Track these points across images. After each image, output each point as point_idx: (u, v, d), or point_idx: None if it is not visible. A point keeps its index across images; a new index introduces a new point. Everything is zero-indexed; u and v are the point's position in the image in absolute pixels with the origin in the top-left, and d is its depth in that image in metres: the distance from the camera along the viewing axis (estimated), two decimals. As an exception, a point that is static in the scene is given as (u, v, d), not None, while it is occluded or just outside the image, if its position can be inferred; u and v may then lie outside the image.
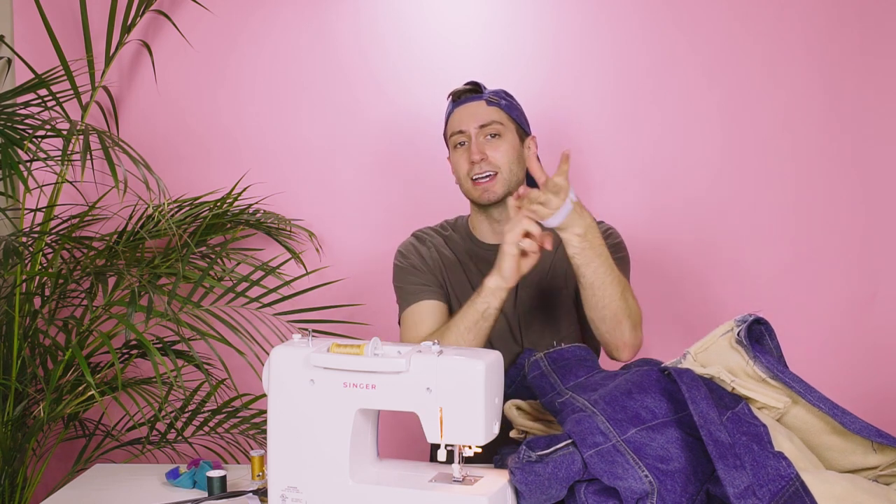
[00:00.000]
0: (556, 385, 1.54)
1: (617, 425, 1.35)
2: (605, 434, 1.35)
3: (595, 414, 1.37)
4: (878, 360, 2.59)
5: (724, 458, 1.27)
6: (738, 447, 1.29)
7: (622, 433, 1.35)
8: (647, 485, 1.30)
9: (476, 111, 1.92)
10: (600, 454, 1.33)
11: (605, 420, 1.36)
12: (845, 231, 2.59)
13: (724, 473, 1.26)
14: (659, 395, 1.39)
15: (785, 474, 1.26)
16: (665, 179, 2.61)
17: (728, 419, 1.32)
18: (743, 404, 1.36)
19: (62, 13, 2.58)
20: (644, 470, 1.31)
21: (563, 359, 1.60)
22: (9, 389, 2.21)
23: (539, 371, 1.58)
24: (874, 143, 2.58)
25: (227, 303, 2.36)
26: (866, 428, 1.34)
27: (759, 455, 1.28)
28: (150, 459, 2.40)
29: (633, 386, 1.41)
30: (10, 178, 2.25)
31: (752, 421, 1.33)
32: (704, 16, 2.58)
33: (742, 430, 1.31)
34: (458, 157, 1.93)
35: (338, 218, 2.63)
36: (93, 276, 2.28)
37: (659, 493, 1.30)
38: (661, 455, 1.33)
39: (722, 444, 1.28)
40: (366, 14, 2.61)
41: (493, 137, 1.90)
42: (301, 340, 1.44)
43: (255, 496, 1.53)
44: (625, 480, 1.31)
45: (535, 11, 2.60)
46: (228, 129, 2.63)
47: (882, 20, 2.56)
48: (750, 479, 1.25)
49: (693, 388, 1.34)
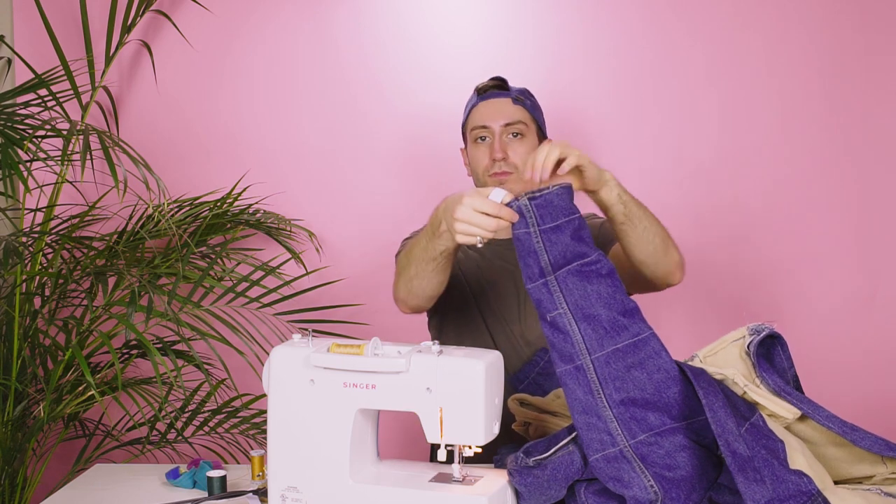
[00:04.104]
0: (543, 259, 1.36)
1: (625, 426, 1.31)
2: (612, 436, 1.31)
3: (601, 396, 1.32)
4: (877, 361, 2.59)
5: (743, 471, 1.23)
6: (757, 461, 1.25)
7: (631, 437, 1.30)
8: (651, 494, 1.28)
9: (502, 108, 1.89)
10: (607, 459, 1.31)
11: (613, 419, 1.32)
12: (845, 231, 2.59)
13: (744, 487, 1.22)
14: (673, 397, 1.33)
15: (806, 490, 1.23)
16: (665, 178, 2.61)
17: (746, 430, 1.28)
18: (758, 415, 1.32)
19: (62, 13, 2.58)
20: (650, 479, 1.29)
21: (550, 205, 1.37)
22: (9, 389, 2.21)
23: (525, 229, 1.37)
24: (874, 142, 2.58)
25: (227, 303, 2.36)
26: (877, 443, 1.31)
27: (778, 470, 1.25)
28: (150, 459, 2.40)
29: (647, 378, 1.33)
30: (10, 178, 2.25)
31: (770, 435, 1.29)
32: (705, 15, 2.58)
33: (761, 444, 1.27)
34: (477, 151, 1.90)
35: (338, 218, 2.63)
36: (93, 276, 2.28)
37: (663, 503, 1.28)
38: (667, 463, 1.30)
39: (741, 457, 1.24)
40: (366, 14, 2.61)
41: (516, 137, 1.88)
42: (301, 340, 1.44)
43: (255, 496, 1.53)
44: (630, 489, 1.29)
45: (535, 11, 2.60)
46: (228, 129, 2.63)
47: (883, 19, 2.56)
48: (770, 493, 1.22)
49: (710, 395, 1.29)
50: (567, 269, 1.35)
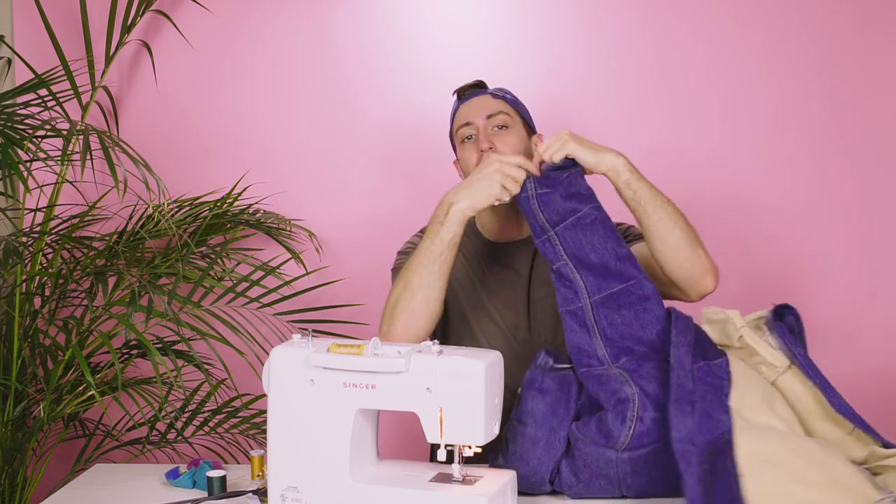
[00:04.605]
0: (540, 218, 1.60)
1: (612, 354, 1.49)
2: (600, 360, 1.49)
3: (595, 337, 1.51)
4: (877, 361, 2.59)
5: (678, 402, 1.36)
6: (695, 395, 1.37)
7: (615, 361, 1.48)
8: (629, 388, 1.42)
9: (482, 103, 1.89)
10: (591, 374, 1.49)
11: (602, 346, 1.50)
12: (845, 231, 2.59)
13: (673, 417, 1.34)
14: (656, 333, 1.50)
15: (721, 427, 1.33)
16: (665, 178, 2.59)
17: (699, 368, 1.41)
18: (723, 359, 1.45)
19: (62, 13, 2.58)
20: (629, 379, 1.44)
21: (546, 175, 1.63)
22: (9, 389, 2.21)
23: (525, 194, 1.62)
24: (874, 142, 2.58)
25: (227, 303, 2.36)
26: (852, 415, 1.38)
27: (710, 405, 1.36)
28: (150, 459, 2.40)
29: (634, 316, 1.51)
30: (10, 178, 2.25)
31: (719, 373, 1.42)
32: (705, 15, 2.58)
33: (706, 380, 1.40)
34: (466, 151, 1.87)
35: (338, 218, 2.63)
36: (93, 276, 2.28)
37: (641, 400, 1.41)
38: (649, 373, 1.44)
39: (682, 389, 1.37)
40: (366, 14, 2.61)
41: (501, 129, 1.86)
42: (301, 340, 1.44)
43: (255, 496, 1.53)
44: (608, 385, 1.44)
45: (535, 11, 2.60)
46: (228, 129, 2.63)
47: (884, 18, 2.56)
48: (693, 425, 1.34)
49: (680, 334, 1.45)
50: (563, 225, 1.56)
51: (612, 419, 1.43)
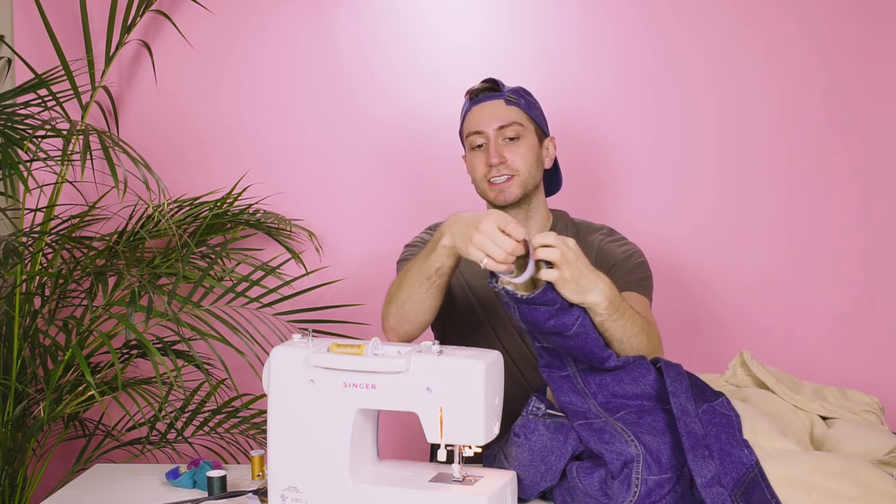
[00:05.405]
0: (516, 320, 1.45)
1: (607, 409, 1.43)
2: (595, 413, 1.43)
3: (587, 396, 1.45)
4: (878, 362, 2.59)
5: (694, 448, 1.33)
6: (709, 437, 1.35)
7: (613, 415, 1.42)
8: (633, 448, 1.35)
9: (494, 110, 1.87)
10: (590, 426, 1.41)
11: (596, 405, 1.44)
12: (845, 232, 2.59)
13: (693, 465, 1.32)
14: (649, 384, 1.45)
15: (746, 462, 1.32)
16: (665, 178, 2.61)
17: (703, 411, 1.39)
18: (722, 399, 1.43)
19: (62, 13, 2.58)
20: (632, 437, 1.37)
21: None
22: (9, 389, 2.21)
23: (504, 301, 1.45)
24: (874, 142, 2.58)
25: (227, 303, 2.36)
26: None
27: (726, 444, 1.34)
28: (150, 459, 2.40)
29: (626, 376, 1.46)
30: (10, 178, 2.25)
31: (725, 411, 1.40)
32: (705, 15, 2.58)
33: (714, 421, 1.38)
34: (475, 158, 1.88)
35: (338, 218, 2.63)
36: (93, 276, 2.28)
37: (645, 460, 1.35)
38: (651, 426, 1.39)
39: (694, 436, 1.34)
40: (366, 14, 2.61)
41: (512, 140, 1.85)
42: (301, 340, 1.44)
43: (255, 496, 1.53)
44: (612, 444, 1.37)
45: (535, 11, 2.60)
46: (228, 129, 2.63)
47: (883, 19, 2.56)
48: (716, 468, 1.32)
49: (677, 382, 1.41)
50: (541, 334, 1.46)
51: (617, 485, 1.35)
